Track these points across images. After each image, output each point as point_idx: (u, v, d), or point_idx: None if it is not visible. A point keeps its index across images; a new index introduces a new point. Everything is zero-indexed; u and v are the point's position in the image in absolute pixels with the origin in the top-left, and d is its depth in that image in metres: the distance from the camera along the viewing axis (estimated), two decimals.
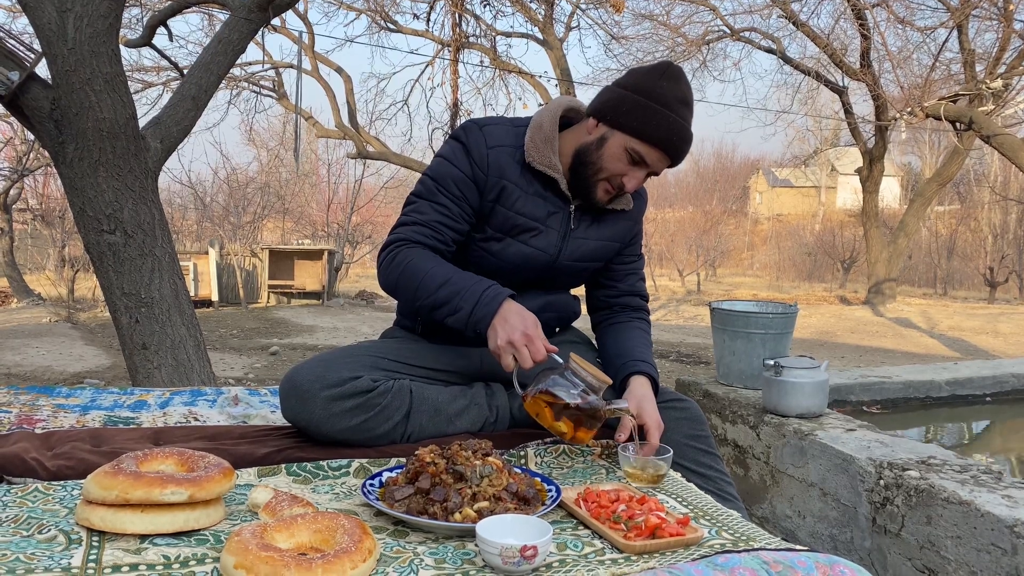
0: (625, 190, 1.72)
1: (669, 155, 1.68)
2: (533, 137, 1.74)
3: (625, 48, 13.01)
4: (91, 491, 1.20)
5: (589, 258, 1.85)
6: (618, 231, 1.87)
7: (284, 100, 14.42)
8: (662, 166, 1.71)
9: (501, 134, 1.75)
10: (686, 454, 1.74)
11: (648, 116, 1.65)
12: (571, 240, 1.80)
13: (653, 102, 1.64)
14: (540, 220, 1.76)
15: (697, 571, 1.11)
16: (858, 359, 8.01)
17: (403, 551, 1.19)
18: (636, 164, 1.69)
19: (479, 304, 1.59)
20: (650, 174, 1.73)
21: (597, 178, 1.71)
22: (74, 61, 2.87)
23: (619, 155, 1.68)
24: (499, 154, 1.73)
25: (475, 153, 1.72)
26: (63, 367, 6.85)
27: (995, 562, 1.70)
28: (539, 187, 1.75)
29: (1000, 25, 9.93)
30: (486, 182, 1.73)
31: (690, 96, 1.69)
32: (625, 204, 1.84)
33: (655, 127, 1.65)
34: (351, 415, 1.61)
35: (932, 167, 19.54)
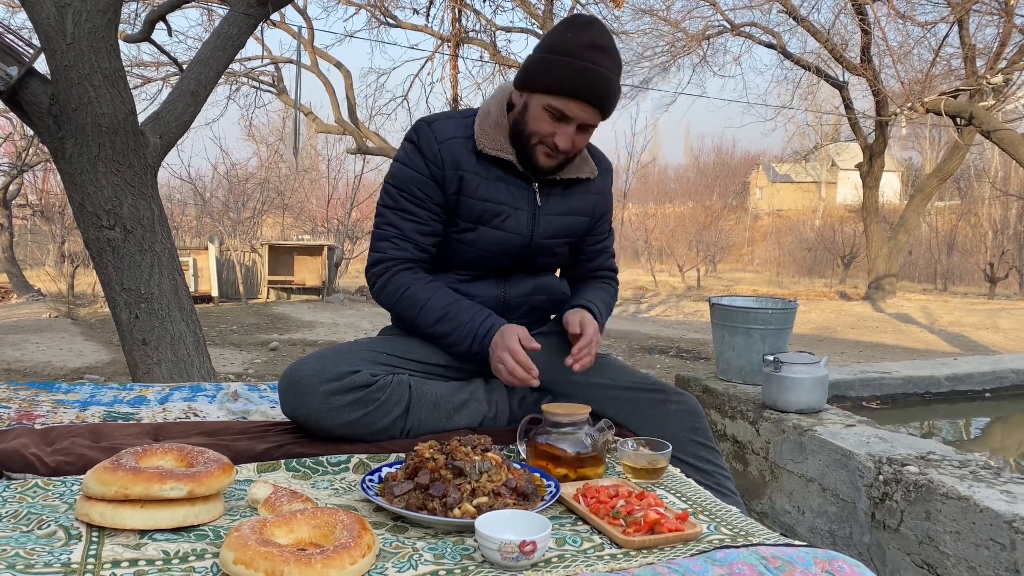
0: (561, 149, 1.71)
1: (586, 102, 1.66)
2: (482, 124, 1.76)
3: (625, 43, 12.99)
4: (91, 487, 1.20)
5: (563, 234, 1.86)
6: (587, 203, 1.88)
7: (283, 95, 14.40)
8: (588, 116, 1.69)
9: (450, 127, 1.77)
10: (684, 448, 1.74)
11: (554, 69, 1.65)
12: (541, 218, 1.82)
13: (558, 54, 1.65)
14: (506, 203, 1.78)
15: (696, 566, 1.11)
16: (858, 355, 8.01)
17: (402, 546, 1.19)
18: (559, 120, 1.68)
19: (475, 340, 1.71)
20: (584, 128, 1.71)
21: (531, 143, 1.72)
22: (73, 56, 2.86)
23: (541, 115, 1.69)
24: (451, 146, 1.75)
25: (427, 151, 1.75)
26: (63, 363, 6.86)
27: (994, 557, 1.70)
28: (499, 172, 1.78)
29: (1001, 20, 9.91)
30: (444, 177, 1.75)
31: (602, 39, 1.66)
32: (589, 172, 1.85)
33: (561, 77, 1.65)
34: (350, 409, 1.61)
35: (932, 162, 19.52)
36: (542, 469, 1.47)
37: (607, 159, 1.96)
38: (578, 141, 1.73)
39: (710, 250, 20.48)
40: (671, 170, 34.83)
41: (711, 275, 21.23)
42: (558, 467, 1.48)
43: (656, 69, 13.11)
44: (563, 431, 1.50)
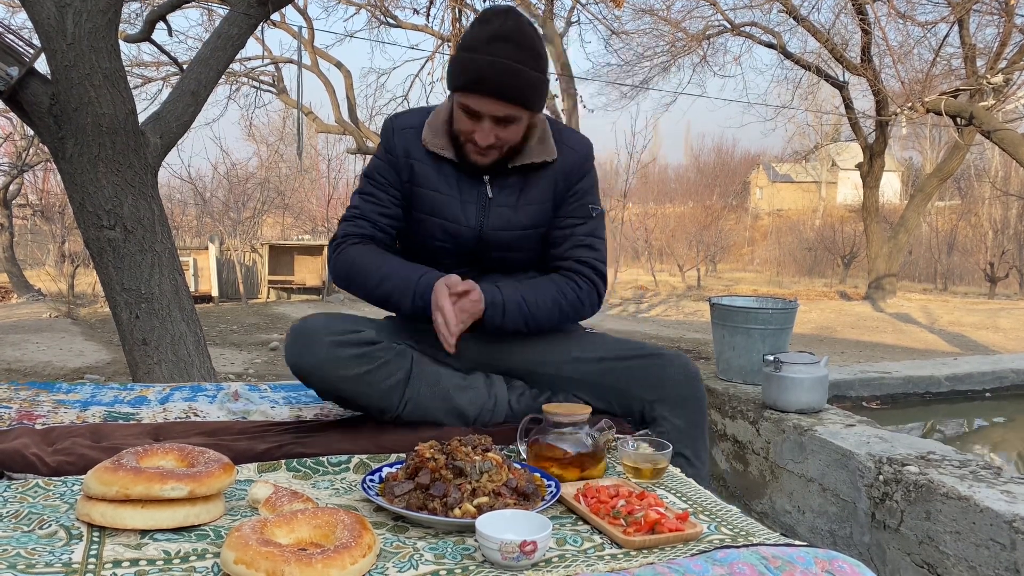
0: (480, 145, 1.70)
1: (490, 95, 1.63)
2: (432, 122, 1.80)
3: (625, 43, 13.00)
4: (91, 487, 1.20)
5: (520, 225, 1.81)
6: (545, 189, 1.82)
7: (284, 95, 14.40)
8: (498, 109, 1.65)
9: (409, 118, 1.83)
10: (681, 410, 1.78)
11: (459, 67, 1.67)
12: (493, 209, 1.80)
13: (463, 51, 1.66)
14: (453, 194, 1.80)
15: (696, 566, 1.11)
16: (858, 354, 8.01)
17: (403, 546, 1.20)
18: (473, 117, 1.68)
19: (416, 295, 1.70)
20: (503, 122, 1.67)
21: (461, 142, 1.74)
22: (73, 56, 2.86)
23: (459, 114, 1.70)
24: (406, 135, 1.80)
25: (387, 140, 1.82)
26: (63, 363, 6.86)
27: (994, 557, 1.70)
28: (450, 167, 1.80)
29: (1001, 20, 9.91)
30: (399, 163, 1.80)
31: (505, 29, 1.63)
32: (545, 156, 1.78)
33: (463, 73, 1.65)
34: (353, 363, 1.66)
35: (933, 162, 19.51)
36: (542, 469, 1.47)
37: (582, 140, 1.88)
38: (504, 135, 1.69)
39: (710, 250, 20.48)
40: (671, 170, 34.82)
41: (711, 275, 21.23)
42: (558, 467, 1.48)
43: (656, 69, 13.13)
44: (563, 431, 1.50)
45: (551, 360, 1.83)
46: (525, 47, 1.64)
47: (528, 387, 1.86)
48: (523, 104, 1.67)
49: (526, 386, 1.86)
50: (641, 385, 1.78)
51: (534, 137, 1.78)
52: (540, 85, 1.69)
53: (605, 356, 1.81)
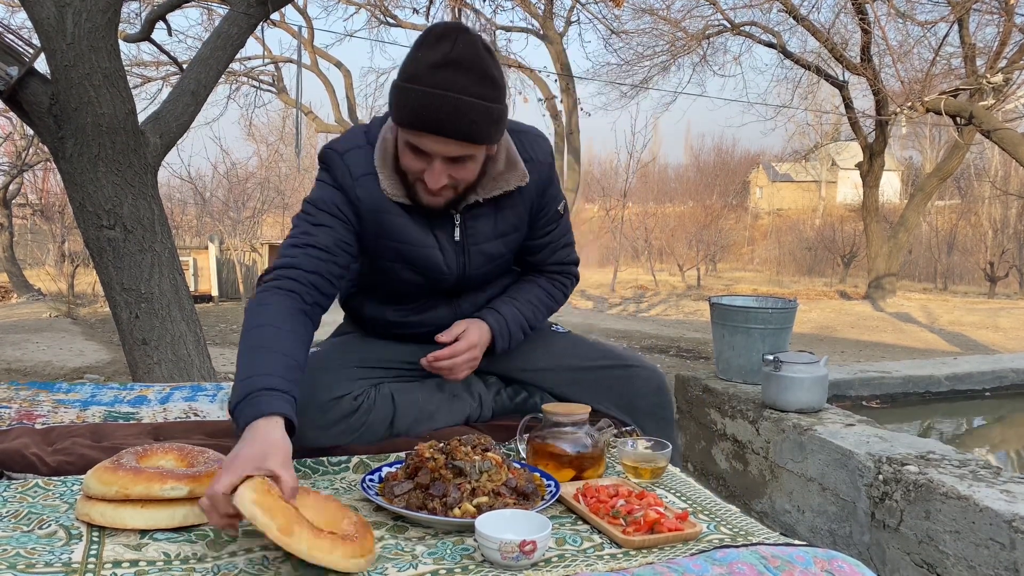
0: (432, 188, 1.48)
1: (438, 134, 1.41)
2: (382, 168, 1.56)
3: (625, 43, 12.99)
4: (91, 486, 1.20)
5: (497, 256, 1.70)
6: (519, 214, 1.67)
7: (283, 95, 14.41)
8: (449, 148, 1.43)
9: (361, 161, 1.57)
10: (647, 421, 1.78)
11: (401, 101, 1.42)
12: (471, 250, 1.65)
13: (405, 81, 1.41)
14: (430, 243, 1.61)
15: (696, 566, 1.11)
16: (858, 354, 8.01)
17: (402, 546, 1.20)
18: (421, 155, 1.46)
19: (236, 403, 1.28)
20: (457, 161, 1.46)
21: (410, 182, 1.53)
22: (73, 56, 2.86)
23: (405, 151, 1.49)
24: (366, 184, 1.56)
25: (344, 185, 1.56)
26: (63, 362, 6.86)
27: (993, 557, 1.70)
28: (418, 212, 1.58)
29: (1001, 19, 9.90)
30: (361, 216, 1.57)
31: (459, 55, 1.38)
32: (517, 181, 1.60)
33: (406, 110, 1.42)
34: (338, 436, 1.63)
35: (932, 162, 19.50)
36: (542, 468, 1.47)
37: (542, 145, 1.70)
38: (458, 175, 1.49)
39: (710, 249, 20.48)
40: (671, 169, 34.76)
41: (711, 274, 21.23)
42: (558, 467, 1.48)
43: (656, 68, 13.12)
44: (563, 431, 1.50)
45: (517, 368, 1.83)
46: (478, 74, 1.40)
47: (503, 384, 1.87)
48: (477, 141, 1.45)
49: (500, 382, 1.87)
50: (609, 396, 1.78)
51: (499, 163, 1.59)
52: (498, 118, 1.45)
53: (573, 366, 1.80)
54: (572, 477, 1.47)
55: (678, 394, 3.06)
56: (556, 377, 1.80)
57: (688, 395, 2.99)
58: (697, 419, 2.93)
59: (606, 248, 21.77)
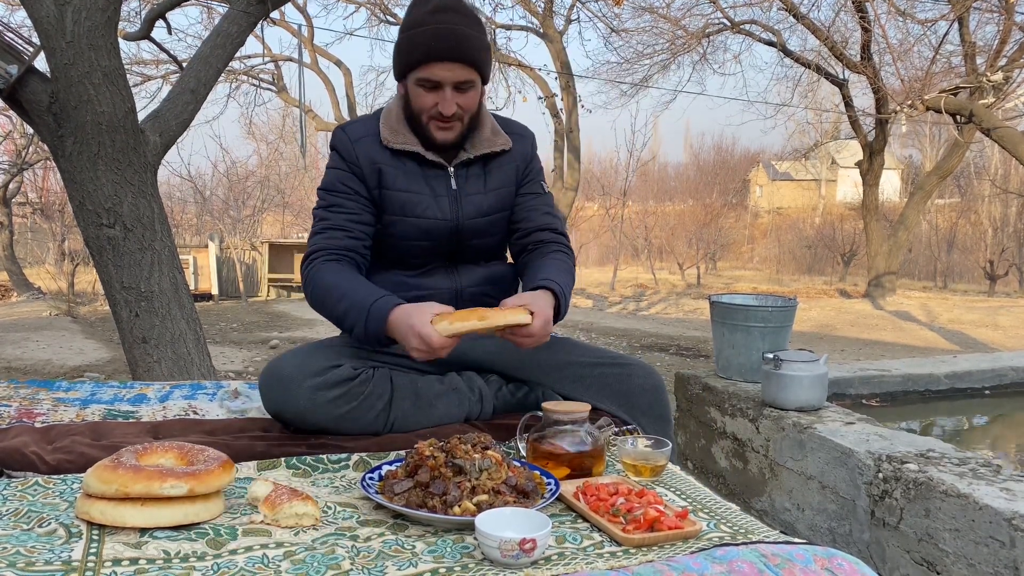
0: (446, 115, 1.72)
1: (446, 60, 1.68)
2: (386, 121, 1.81)
3: (625, 41, 12.98)
4: (91, 485, 1.20)
5: (489, 211, 1.86)
6: (507, 174, 1.88)
7: (283, 93, 14.40)
8: (456, 74, 1.69)
9: (361, 128, 1.83)
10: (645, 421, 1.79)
11: (409, 45, 1.70)
12: (464, 200, 1.83)
13: (408, 30, 1.70)
14: (425, 192, 1.80)
15: (695, 564, 1.11)
16: (858, 352, 8.01)
17: (402, 545, 1.20)
18: (433, 89, 1.71)
19: (369, 320, 1.61)
20: (462, 88, 1.72)
21: (422, 121, 1.75)
22: (73, 55, 2.86)
23: (417, 92, 1.72)
24: (364, 144, 1.80)
25: (345, 152, 1.80)
26: (63, 361, 6.86)
27: (993, 555, 1.70)
28: (414, 164, 1.80)
29: (1001, 18, 9.90)
30: (363, 173, 1.79)
31: (447, 1, 1.68)
32: (502, 144, 1.85)
33: (416, 48, 1.68)
34: (336, 404, 1.64)
35: (932, 160, 19.49)
36: (542, 467, 1.47)
37: (526, 128, 1.96)
38: (464, 102, 1.73)
39: (710, 248, 20.48)
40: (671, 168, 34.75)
41: (711, 273, 21.23)
42: (558, 465, 1.48)
43: (656, 67, 13.11)
44: (563, 429, 1.50)
45: (517, 366, 1.85)
46: (468, 14, 1.70)
47: (504, 381, 1.89)
48: (478, 67, 1.72)
49: (501, 380, 1.88)
50: (608, 395, 1.80)
51: (486, 129, 1.83)
52: (488, 50, 1.75)
53: (572, 364, 1.83)
54: (572, 475, 1.47)
55: (678, 392, 3.06)
56: (555, 375, 1.82)
57: (688, 393, 2.99)
58: (697, 417, 2.93)
59: (606, 247, 21.77)
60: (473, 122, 1.79)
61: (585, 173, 16.13)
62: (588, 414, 1.53)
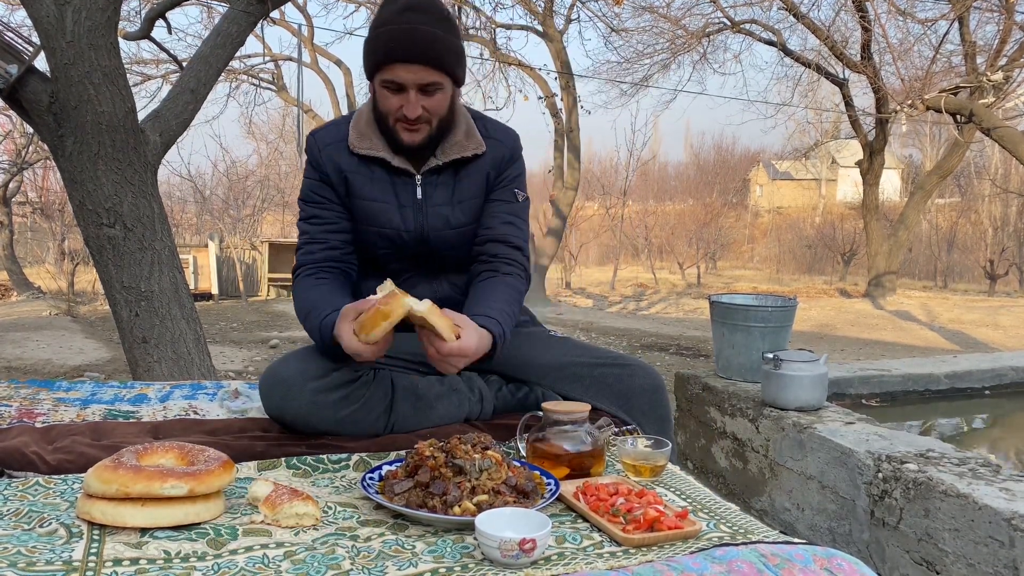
0: (410, 118, 1.66)
1: (409, 61, 1.62)
2: (356, 125, 1.77)
3: (625, 40, 12.98)
4: (91, 485, 1.21)
5: (457, 224, 1.80)
6: (477, 182, 1.80)
7: (283, 93, 14.40)
8: (420, 75, 1.63)
9: (331, 132, 1.79)
10: (646, 421, 1.79)
11: (374, 44, 1.65)
12: (429, 211, 1.78)
13: (375, 29, 1.66)
14: (389, 201, 1.77)
15: (695, 564, 1.11)
16: (858, 352, 8.01)
17: (402, 544, 1.20)
18: (398, 91, 1.66)
19: (324, 343, 1.62)
20: (428, 90, 1.65)
21: (389, 124, 1.70)
22: (73, 54, 2.86)
23: (383, 95, 1.68)
24: (331, 151, 1.76)
25: (314, 160, 1.78)
26: (63, 360, 6.86)
27: (993, 554, 1.70)
28: (381, 171, 1.76)
29: (1001, 17, 9.90)
30: (332, 180, 1.76)
31: (417, 1, 1.63)
32: (474, 148, 1.77)
33: (379, 48, 1.64)
34: (337, 407, 1.63)
35: (933, 160, 19.49)
36: (542, 467, 1.47)
37: (508, 132, 1.86)
38: (430, 105, 1.67)
39: (710, 247, 20.49)
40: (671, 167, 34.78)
41: (711, 272, 21.23)
42: (558, 465, 1.48)
43: (656, 66, 13.11)
44: (563, 429, 1.50)
45: (516, 367, 1.85)
46: (438, 15, 1.64)
47: (504, 382, 1.88)
48: (445, 69, 1.65)
49: (501, 380, 1.88)
50: (608, 395, 1.80)
51: (460, 130, 1.77)
52: (459, 52, 1.68)
53: (572, 364, 1.82)
54: (572, 475, 1.47)
55: (678, 392, 3.06)
56: (555, 375, 1.82)
57: (688, 393, 2.99)
58: (697, 417, 2.93)
59: (606, 246, 21.78)
60: (444, 125, 1.73)
61: (585, 172, 16.12)
62: (588, 414, 1.53)
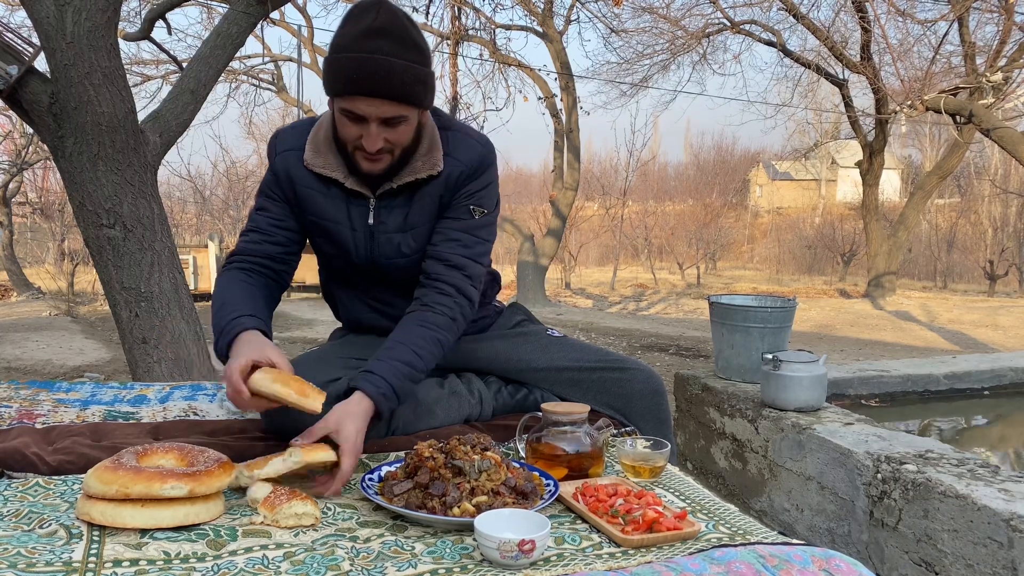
0: (369, 151, 1.55)
1: (370, 95, 1.49)
2: (314, 139, 1.67)
3: (625, 41, 12.98)
4: (91, 486, 1.21)
5: (409, 250, 1.70)
6: (427, 207, 1.69)
7: (283, 93, 14.40)
8: (382, 110, 1.51)
9: (290, 137, 1.70)
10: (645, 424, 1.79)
11: (334, 69, 1.52)
12: (381, 238, 1.69)
13: (335, 53, 1.52)
14: (342, 221, 1.69)
15: (694, 565, 1.11)
16: (857, 352, 8.01)
17: (401, 545, 1.20)
18: (357, 121, 1.54)
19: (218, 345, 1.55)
20: (391, 123, 1.54)
21: (349, 151, 1.60)
22: (73, 55, 2.86)
23: (343, 122, 1.56)
24: (286, 159, 1.68)
25: (271, 160, 1.71)
26: (63, 361, 6.86)
27: (991, 555, 1.71)
28: (337, 190, 1.67)
29: (1001, 18, 9.90)
30: (283, 187, 1.69)
31: (379, 22, 1.49)
32: (430, 168, 1.64)
33: (340, 76, 1.51)
34: None
35: (932, 160, 19.50)
36: (541, 468, 1.48)
37: (471, 148, 1.70)
38: (393, 137, 1.56)
39: (710, 248, 20.49)
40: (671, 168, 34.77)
41: (711, 273, 21.23)
42: (557, 466, 1.48)
43: (656, 67, 13.12)
44: (562, 430, 1.51)
45: (516, 369, 1.85)
46: (403, 40, 1.51)
47: (503, 382, 1.88)
48: (410, 102, 1.53)
49: (500, 381, 1.88)
50: (607, 397, 1.80)
51: (423, 145, 1.65)
52: (425, 79, 1.55)
53: (571, 367, 1.82)
54: (571, 476, 1.47)
55: (677, 393, 3.06)
56: (555, 378, 1.81)
57: (687, 394, 2.99)
58: (696, 418, 2.93)
59: (606, 246, 21.78)
60: (407, 151, 1.62)
61: (585, 173, 16.13)
62: (587, 415, 1.53)
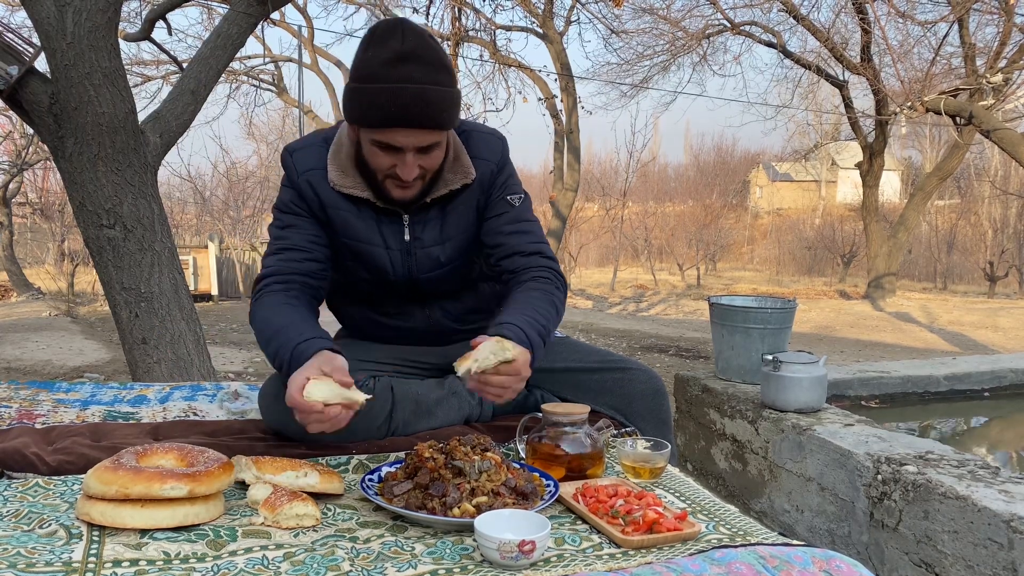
0: (406, 180, 1.52)
1: (409, 126, 1.46)
2: (335, 159, 1.62)
3: (625, 42, 12.99)
4: (91, 486, 1.21)
5: (448, 261, 1.70)
6: (465, 215, 1.68)
7: (284, 94, 14.41)
8: (419, 139, 1.48)
9: (309, 158, 1.64)
10: (645, 425, 1.78)
11: (363, 101, 1.47)
12: (418, 253, 1.67)
13: (362, 83, 1.46)
14: (377, 242, 1.65)
15: (694, 566, 1.11)
16: (857, 353, 8.01)
17: (401, 546, 1.20)
18: (391, 151, 1.50)
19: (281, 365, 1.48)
20: (426, 150, 1.51)
21: (380, 179, 1.56)
22: (73, 55, 2.86)
23: (373, 151, 1.52)
24: (312, 179, 1.62)
25: (292, 182, 1.65)
26: (63, 361, 6.86)
27: (992, 556, 1.71)
28: (368, 210, 1.63)
29: (1001, 19, 9.91)
30: (312, 209, 1.64)
31: (407, 46, 1.44)
32: (462, 179, 1.63)
33: (371, 109, 1.46)
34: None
35: (932, 161, 19.51)
36: (541, 468, 1.47)
37: (492, 145, 1.69)
38: (427, 163, 1.54)
39: (710, 249, 20.50)
40: (671, 169, 34.82)
41: (711, 273, 21.24)
42: (557, 466, 1.48)
43: (656, 68, 13.13)
44: (562, 430, 1.51)
45: None
46: (432, 64, 1.46)
47: None
48: (445, 127, 1.51)
49: None
50: (607, 398, 1.79)
51: (449, 156, 1.62)
52: (456, 100, 1.52)
53: (572, 368, 1.82)
54: (571, 477, 1.47)
55: (677, 394, 3.06)
56: (555, 378, 1.81)
57: (687, 395, 2.99)
58: (696, 419, 2.93)
59: (606, 247, 21.79)
60: (437, 172, 1.59)
61: (585, 174, 16.14)
62: (587, 416, 1.53)
